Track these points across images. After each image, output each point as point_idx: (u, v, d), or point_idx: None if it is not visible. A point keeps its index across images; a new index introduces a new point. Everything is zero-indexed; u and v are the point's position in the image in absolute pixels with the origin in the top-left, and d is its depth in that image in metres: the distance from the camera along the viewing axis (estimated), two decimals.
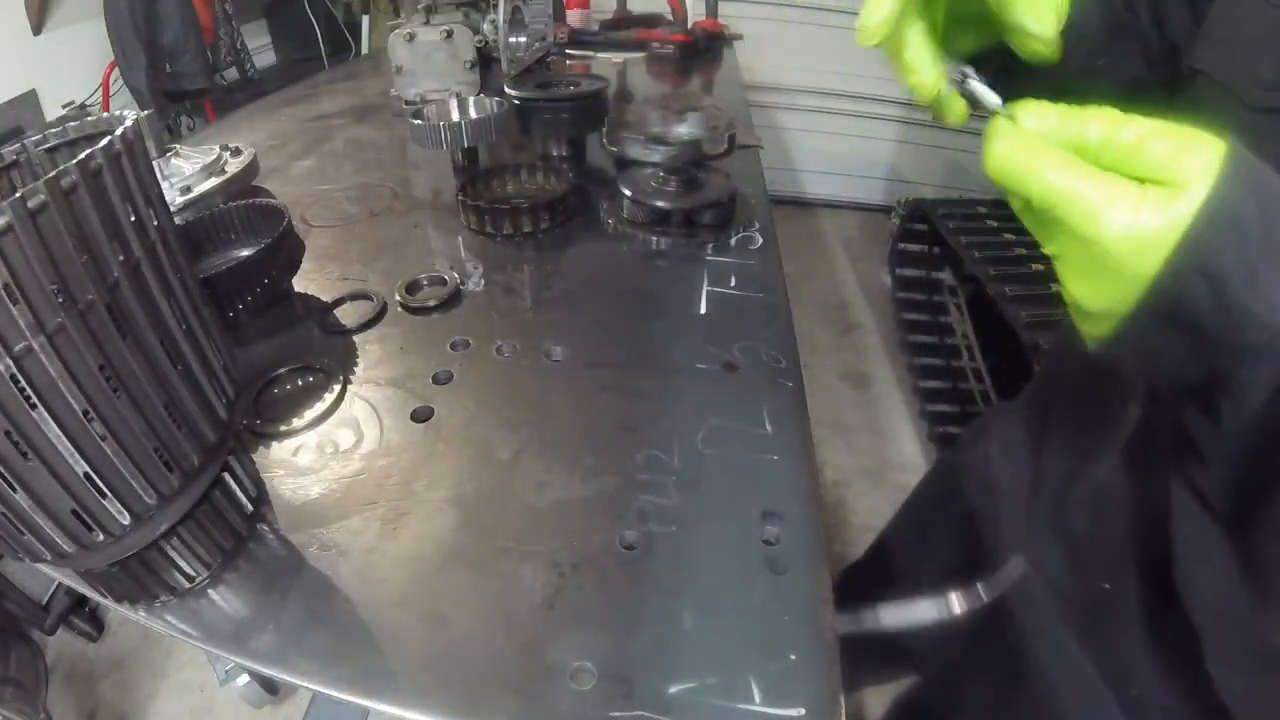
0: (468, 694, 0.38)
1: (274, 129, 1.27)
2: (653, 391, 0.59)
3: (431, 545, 0.46)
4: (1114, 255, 0.27)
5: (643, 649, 0.40)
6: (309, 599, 0.43)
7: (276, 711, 1.37)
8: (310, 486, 0.51)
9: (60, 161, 0.42)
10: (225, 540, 0.46)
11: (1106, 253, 0.27)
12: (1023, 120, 0.29)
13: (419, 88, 1.13)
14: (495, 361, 0.63)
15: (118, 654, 1.47)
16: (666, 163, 0.88)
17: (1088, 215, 0.27)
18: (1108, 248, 0.27)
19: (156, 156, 0.80)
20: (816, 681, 0.38)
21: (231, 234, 0.74)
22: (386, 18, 2.56)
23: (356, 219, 0.90)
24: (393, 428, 0.56)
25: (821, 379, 2.21)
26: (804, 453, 0.53)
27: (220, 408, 0.42)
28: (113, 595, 0.43)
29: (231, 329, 0.67)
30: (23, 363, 0.30)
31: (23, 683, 1.28)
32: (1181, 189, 0.26)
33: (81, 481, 0.34)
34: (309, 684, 0.39)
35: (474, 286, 0.74)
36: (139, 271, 0.35)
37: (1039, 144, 0.28)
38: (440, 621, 0.42)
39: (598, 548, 0.46)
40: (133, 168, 0.35)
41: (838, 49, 2.90)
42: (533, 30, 1.19)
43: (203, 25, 2.12)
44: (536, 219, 0.83)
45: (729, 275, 0.74)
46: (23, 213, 0.28)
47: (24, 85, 1.85)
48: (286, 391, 0.61)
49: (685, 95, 1.30)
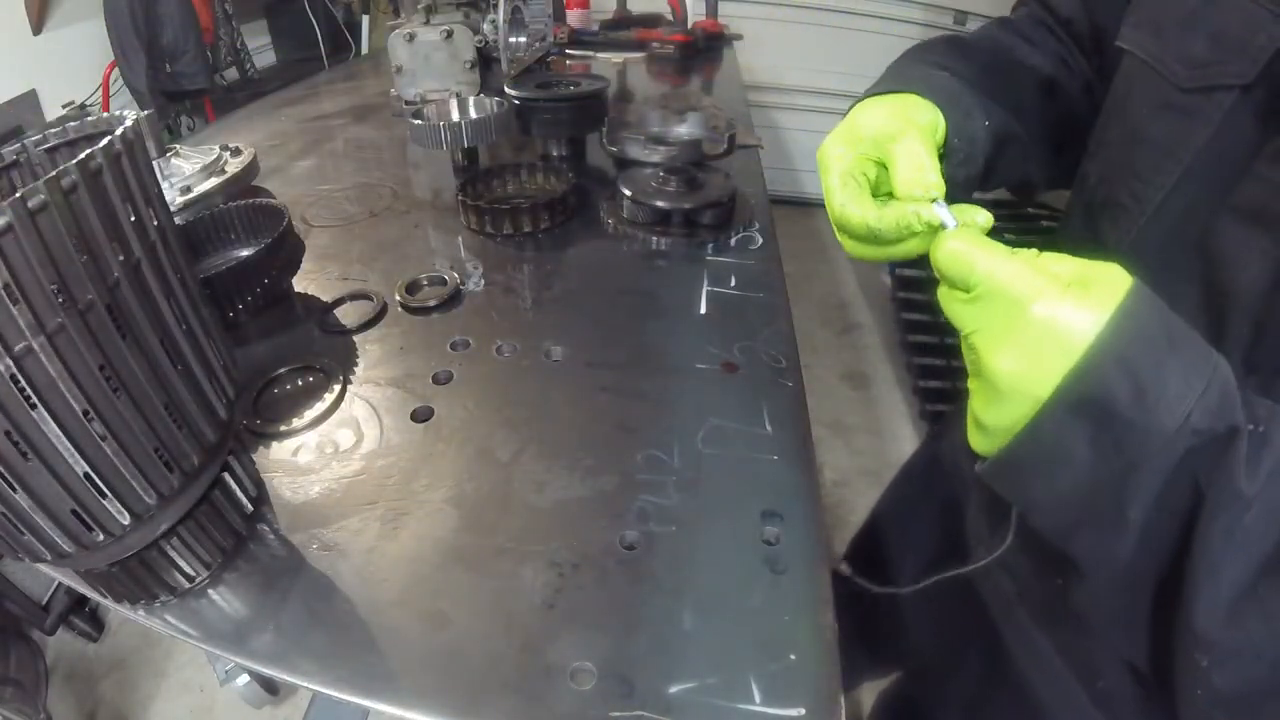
0: (468, 694, 0.38)
1: (274, 129, 1.27)
2: (653, 391, 0.59)
3: (431, 545, 0.46)
4: (1039, 337, 0.30)
5: (643, 649, 0.40)
6: (309, 599, 0.43)
7: (276, 711, 1.37)
8: (310, 486, 0.51)
9: (60, 161, 0.42)
10: (225, 540, 0.45)
11: (1032, 333, 0.30)
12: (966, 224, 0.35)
13: (419, 88, 1.13)
14: (495, 361, 0.63)
15: (118, 654, 1.47)
16: (666, 163, 0.88)
17: (1020, 294, 0.30)
18: (1033, 328, 0.30)
19: (156, 156, 0.80)
20: (816, 681, 0.38)
21: (231, 234, 0.74)
22: (386, 18, 2.56)
23: (356, 219, 0.90)
24: (393, 428, 0.56)
25: (821, 379, 2.21)
26: (804, 453, 0.53)
27: (220, 408, 0.42)
28: (113, 595, 0.43)
29: (231, 329, 0.67)
30: (23, 363, 0.30)
31: (23, 683, 1.28)
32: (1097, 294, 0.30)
33: (81, 481, 0.34)
34: (309, 684, 0.39)
35: (474, 286, 0.74)
36: (139, 271, 0.35)
37: (981, 240, 0.34)
38: (440, 621, 0.41)
39: (598, 548, 0.46)
40: (133, 168, 0.35)
41: (838, 49, 2.90)
42: (533, 30, 1.19)
43: (203, 25, 2.12)
44: (536, 219, 0.83)
45: (729, 275, 0.74)
46: (23, 213, 0.28)
47: (24, 85, 1.85)
48: (286, 391, 0.61)
49: (685, 95, 1.30)
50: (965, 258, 0.33)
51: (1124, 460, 0.30)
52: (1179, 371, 0.29)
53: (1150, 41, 0.43)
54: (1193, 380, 0.29)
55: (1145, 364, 0.29)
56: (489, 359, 0.64)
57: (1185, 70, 0.40)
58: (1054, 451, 0.32)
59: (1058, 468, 0.32)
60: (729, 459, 0.52)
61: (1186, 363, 0.29)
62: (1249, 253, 0.36)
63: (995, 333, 0.32)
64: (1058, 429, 0.31)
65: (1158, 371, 0.29)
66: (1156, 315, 0.31)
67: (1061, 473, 0.32)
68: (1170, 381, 0.29)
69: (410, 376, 0.61)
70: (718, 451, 0.53)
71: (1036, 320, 0.30)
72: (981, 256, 0.32)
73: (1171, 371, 0.29)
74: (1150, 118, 0.43)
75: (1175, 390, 0.29)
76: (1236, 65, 0.37)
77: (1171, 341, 0.30)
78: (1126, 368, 0.29)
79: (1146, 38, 0.44)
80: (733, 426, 0.55)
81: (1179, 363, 0.29)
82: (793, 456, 0.52)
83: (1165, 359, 0.29)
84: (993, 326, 0.32)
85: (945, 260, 0.34)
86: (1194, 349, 0.30)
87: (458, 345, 0.65)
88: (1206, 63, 0.38)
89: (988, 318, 0.32)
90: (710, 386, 0.59)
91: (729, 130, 0.99)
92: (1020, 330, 0.31)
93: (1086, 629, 0.49)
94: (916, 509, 0.78)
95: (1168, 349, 0.29)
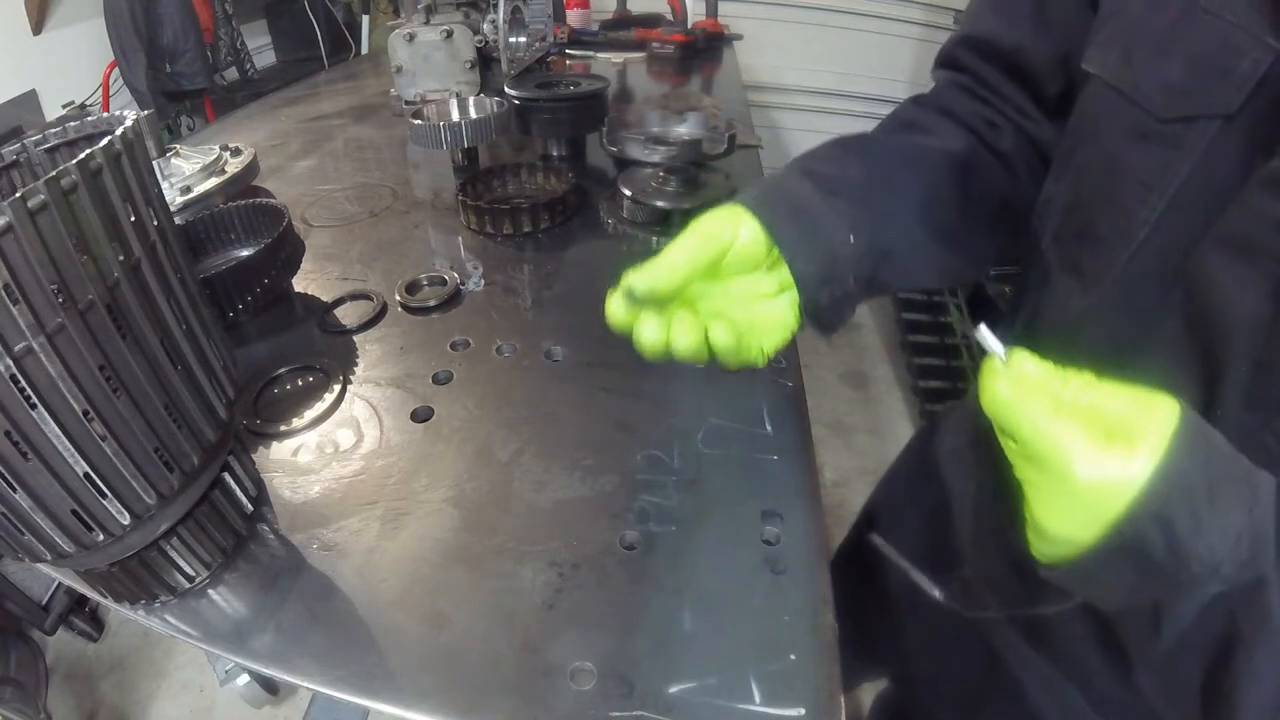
0: (467, 694, 0.38)
1: (274, 129, 1.27)
2: (652, 391, 0.59)
3: (431, 545, 0.46)
4: (1082, 497, 0.31)
5: (643, 649, 0.40)
6: (309, 599, 0.43)
7: (276, 711, 1.37)
8: (310, 486, 0.51)
9: (60, 161, 0.42)
10: (225, 540, 0.45)
11: (1075, 493, 0.31)
12: (1015, 366, 0.33)
13: (419, 88, 1.13)
14: (495, 361, 0.63)
15: (118, 654, 1.47)
16: (666, 163, 0.88)
17: (1063, 460, 0.31)
18: (1077, 487, 0.31)
19: (156, 156, 0.80)
20: (816, 681, 0.38)
21: (231, 234, 0.74)
22: (386, 18, 2.56)
23: (356, 219, 0.90)
24: (393, 428, 0.56)
25: (821, 379, 2.21)
26: (804, 453, 0.53)
27: (220, 408, 0.42)
28: (113, 595, 0.43)
29: (231, 329, 0.67)
30: (23, 363, 0.30)
31: (23, 683, 1.28)
32: (1141, 447, 0.30)
33: (81, 481, 0.34)
34: (309, 684, 0.39)
35: (474, 286, 0.74)
36: (139, 271, 0.35)
37: (1029, 390, 0.32)
38: (440, 621, 0.41)
39: (598, 548, 0.46)
40: (133, 168, 0.35)
41: (838, 49, 2.90)
42: (533, 30, 1.19)
43: (203, 25, 2.12)
44: (536, 219, 0.83)
45: None
46: (23, 213, 0.28)
47: (24, 85, 1.85)
48: (286, 391, 0.61)
49: (685, 95, 1.29)
50: (1014, 414, 0.32)
51: (1160, 593, 0.34)
52: (1214, 527, 0.30)
53: (1121, 66, 0.40)
54: (1227, 532, 0.30)
55: (1182, 522, 0.30)
56: (489, 359, 0.64)
57: (1163, 99, 0.37)
58: (1097, 577, 0.34)
59: (1101, 586, 0.35)
60: (729, 459, 0.52)
61: (1222, 516, 0.30)
62: (1240, 285, 0.35)
63: (1042, 490, 0.33)
64: (1099, 565, 0.33)
65: (1193, 526, 0.30)
66: (1199, 463, 0.31)
67: (1106, 589, 0.35)
68: (1204, 536, 0.30)
69: (410, 376, 0.61)
70: (718, 451, 0.53)
71: (1083, 487, 0.31)
72: (1029, 414, 0.32)
73: (1207, 527, 0.30)
74: (1127, 147, 0.40)
75: (1207, 545, 0.30)
76: (1219, 94, 0.35)
77: (1211, 493, 0.30)
78: (1163, 526, 0.30)
79: (1117, 62, 0.41)
80: (733, 426, 0.55)
81: (1215, 517, 0.30)
82: (793, 456, 0.52)
83: (1202, 514, 0.30)
84: (1039, 483, 0.33)
85: (994, 409, 0.33)
86: (1233, 494, 0.31)
87: (458, 345, 0.65)
88: (1186, 91, 0.36)
89: (1035, 474, 0.33)
90: (710, 386, 0.59)
91: (729, 130, 0.99)
92: (1067, 495, 0.32)
93: (1070, 636, 0.49)
94: (902, 513, 0.78)
95: (1207, 503, 0.30)
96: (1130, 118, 0.40)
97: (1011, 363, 0.33)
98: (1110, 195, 0.42)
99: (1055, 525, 0.32)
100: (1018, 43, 0.52)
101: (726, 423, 0.55)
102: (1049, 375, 0.33)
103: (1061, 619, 0.47)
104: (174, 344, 0.38)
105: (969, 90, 0.56)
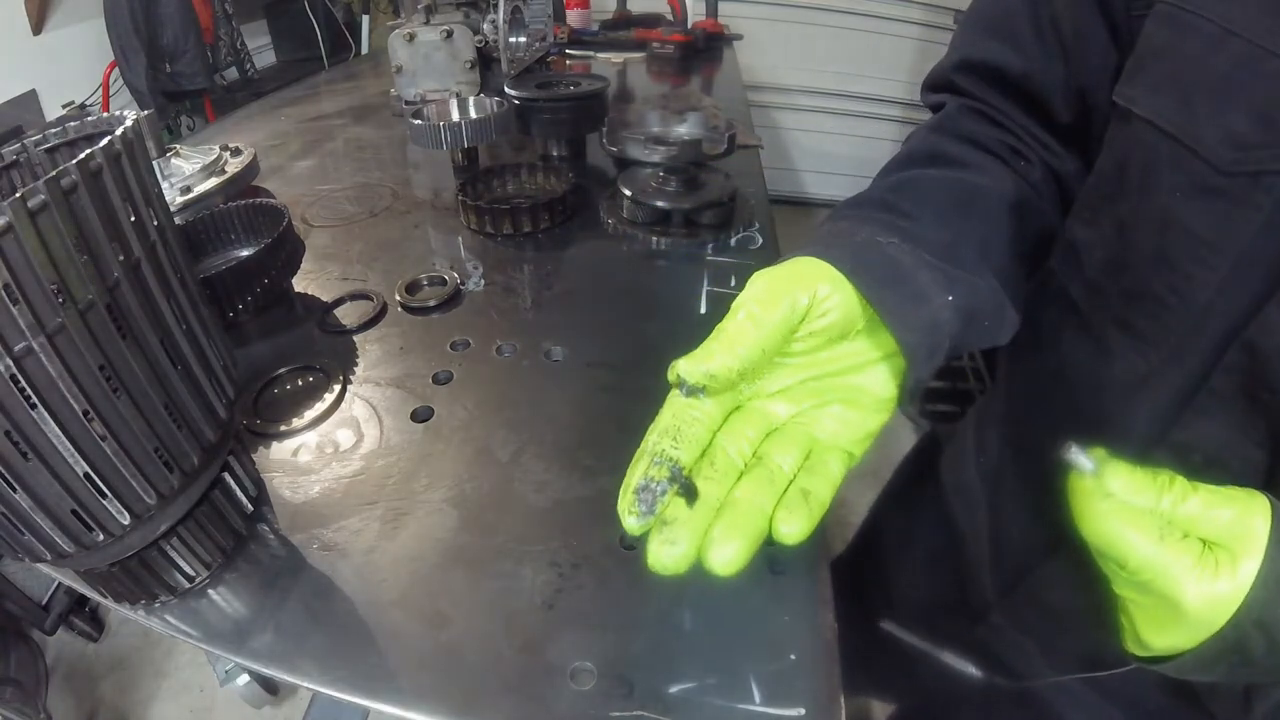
0: (467, 694, 0.38)
1: (274, 129, 1.27)
2: (653, 391, 0.59)
3: (431, 545, 0.46)
4: (1189, 614, 0.31)
5: (643, 649, 0.40)
6: (309, 599, 0.43)
7: (276, 711, 1.37)
8: (310, 486, 0.51)
9: (60, 161, 0.42)
10: (225, 540, 0.45)
11: (1184, 615, 0.31)
12: (1108, 484, 0.32)
13: (419, 88, 1.13)
14: (495, 361, 0.63)
15: (118, 654, 1.48)
16: (666, 163, 0.88)
17: (1174, 588, 0.31)
18: (1186, 609, 0.31)
19: (156, 156, 0.80)
20: (816, 681, 0.38)
21: (231, 234, 0.74)
22: (386, 18, 2.56)
23: (356, 219, 0.90)
24: (393, 428, 0.56)
25: None
26: None
27: (220, 408, 0.42)
28: (113, 595, 0.43)
29: (231, 329, 0.67)
30: (23, 363, 0.30)
31: (23, 683, 1.28)
32: (1244, 560, 0.30)
33: (81, 481, 0.34)
34: (309, 684, 0.39)
35: (474, 286, 0.74)
36: (139, 271, 0.35)
37: (1131, 515, 0.32)
38: (440, 621, 0.41)
39: (598, 548, 0.46)
40: (133, 168, 0.35)
41: (838, 49, 2.91)
42: (533, 30, 1.19)
43: (203, 25, 2.12)
44: (536, 219, 0.83)
45: (729, 275, 0.74)
46: (23, 213, 0.28)
47: (24, 85, 1.85)
48: (286, 391, 0.61)
49: (685, 95, 1.29)
50: (1120, 544, 0.32)
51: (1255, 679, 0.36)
52: None
53: (1178, 112, 0.36)
54: None
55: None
56: (489, 359, 0.64)
57: (1228, 151, 0.34)
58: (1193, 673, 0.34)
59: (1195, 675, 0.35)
60: None
61: None
62: None
63: (1148, 611, 0.33)
64: (1196, 664, 0.33)
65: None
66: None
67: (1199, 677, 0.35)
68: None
69: (410, 376, 0.61)
70: None
71: (1189, 610, 0.31)
72: (1135, 544, 0.31)
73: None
74: (1182, 201, 0.37)
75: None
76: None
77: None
78: (1264, 630, 0.31)
79: (1173, 108, 0.37)
80: None
81: None
82: None
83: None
84: (1145, 604, 0.33)
85: (1097, 539, 0.33)
86: None
87: (458, 345, 0.65)
88: (1255, 145, 0.33)
89: (1140, 596, 0.33)
90: None
91: (729, 130, 0.99)
92: (1175, 617, 0.32)
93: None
94: (909, 543, 0.75)
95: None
96: (1188, 170, 0.36)
97: (1105, 479, 0.32)
98: (1163, 253, 0.38)
99: (1160, 641, 0.33)
100: (1024, 68, 0.48)
101: None
102: (1145, 490, 0.32)
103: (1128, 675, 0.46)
104: (174, 344, 0.38)
105: (983, 115, 0.52)
